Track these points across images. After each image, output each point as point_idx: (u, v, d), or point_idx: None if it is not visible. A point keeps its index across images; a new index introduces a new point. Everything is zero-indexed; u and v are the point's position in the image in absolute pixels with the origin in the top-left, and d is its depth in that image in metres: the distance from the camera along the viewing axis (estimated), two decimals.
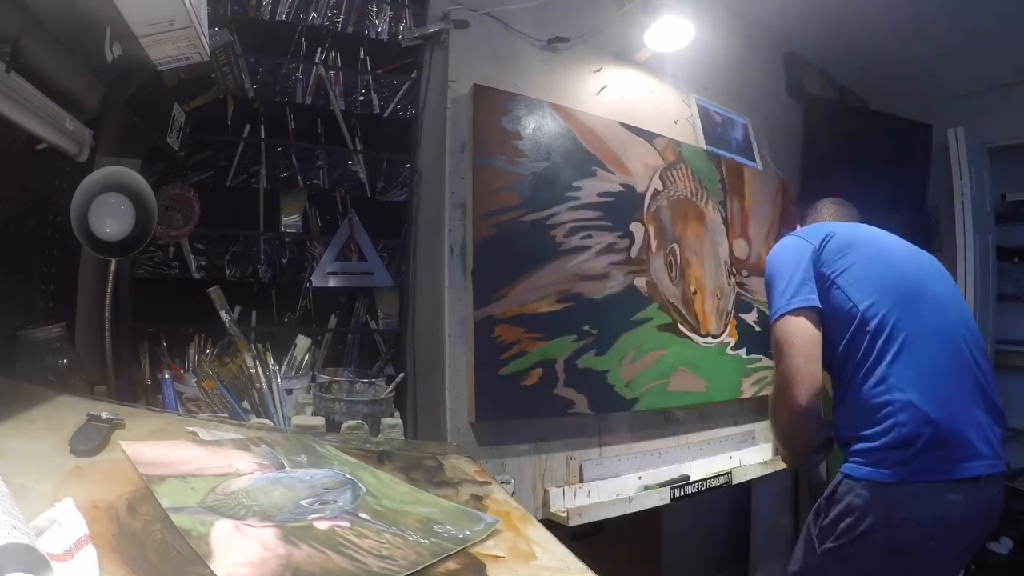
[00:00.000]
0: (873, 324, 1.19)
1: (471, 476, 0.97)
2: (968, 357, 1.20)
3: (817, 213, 1.58)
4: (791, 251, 1.31)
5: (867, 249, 1.28)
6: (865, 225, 1.38)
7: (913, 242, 1.38)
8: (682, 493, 1.64)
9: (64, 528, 0.50)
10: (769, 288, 1.32)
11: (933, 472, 1.10)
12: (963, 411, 1.14)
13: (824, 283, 1.25)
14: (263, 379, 1.19)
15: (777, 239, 2.18)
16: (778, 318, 1.25)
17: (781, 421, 1.29)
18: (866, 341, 1.19)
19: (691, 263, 1.89)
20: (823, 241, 1.28)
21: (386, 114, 1.66)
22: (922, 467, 1.10)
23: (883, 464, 1.13)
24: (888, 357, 1.17)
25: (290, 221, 1.59)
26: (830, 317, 1.25)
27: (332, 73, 1.60)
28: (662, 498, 1.62)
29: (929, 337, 1.18)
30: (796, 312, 1.23)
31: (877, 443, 1.14)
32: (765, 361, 2.01)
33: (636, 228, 1.77)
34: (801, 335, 1.22)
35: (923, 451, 1.11)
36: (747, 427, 2.00)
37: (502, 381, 1.45)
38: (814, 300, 1.24)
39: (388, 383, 1.34)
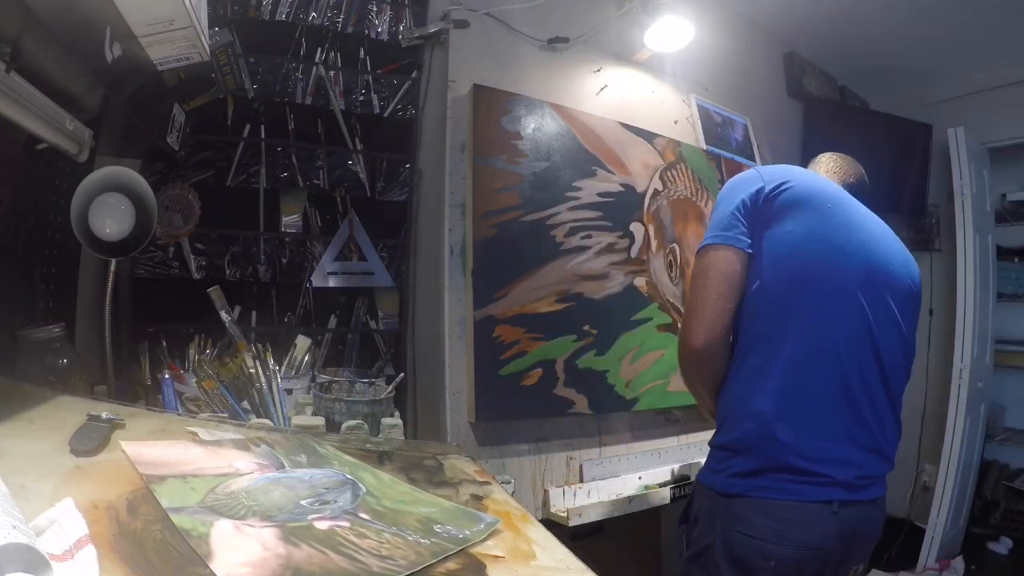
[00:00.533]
0: (770, 307, 1.05)
1: (471, 476, 0.97)
2: (857, 379, 1.04)
3: (814, 164, 1.35)
4: (742, 185, 1.12)
5: (819, 219, 1.07)
6: (843, 193, 1.16)
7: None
8: (682, 493, 1.64)
9: (64, 528, 0.50)
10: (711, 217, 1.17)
11: (776, 491, 1.00)
12: (824, 433, 1.02)
13: (754, 235, 1.09)
14: (263, 379, 1.19)
15: None
16: (702, 247, 1.11)
17: (680, 362, 1.14)
18: (756, 324, 1.06)
19: (691, 263, 1.89)
20: (777, 187, 1.08)
21: (386, 114, 1.66)
22: (762, 483, 1.01)
23: (725, 472, 1.05)
24: (764, 354, 1.04)
25: (290, 221, 1.59)
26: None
27: (332, 73, 1.60)
28: (662, 498, 1.62)
29: (815, 352, 1.03)
30: (723, 246, 1.08)
31: (726, 448, 1.07)
32: None
33: (636, 228, 1.77)
34: (721, 269, 1.07)
35: (766, 464, 1.01)
36: None
37: (502, 381, 1.45)
38: (747, 242, 1.08)
39: (388, 383, 1.34)
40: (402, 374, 1.45)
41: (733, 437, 1.06)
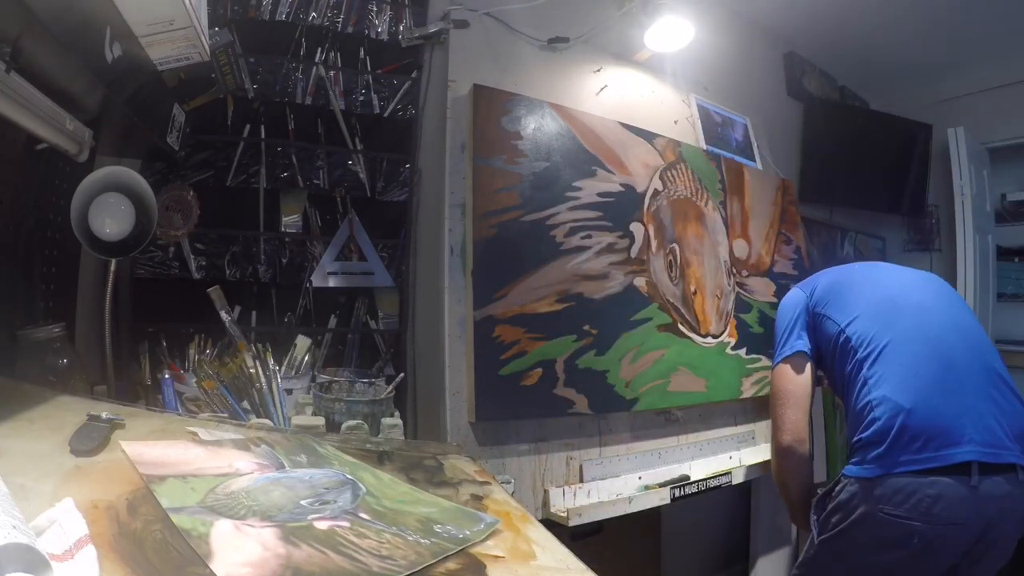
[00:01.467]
0: (855, 339, 1.31)
1: (471, 476, 0.97)
2: (959, 353, 1.21)
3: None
4: (787, 304, 1.54)
5: (851, 277, 1.47)
6: (860, 263, 1.56)
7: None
8: (682, 493, 1.64)
9: (64, 528, 0.50)
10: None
11: (912, 463, 1.11)
12: (948, 399, 1.15)
13: (817, 319, 1.43)
14: (263, 379, 1.19)
15: (777, 240, 2.21)
16: (772, 368, 1.49)
17: (772, 460, 1.50)
18: (851, 355, 1.31)
19: (691, 263, 1.89)
20: (813, 287, 1.50)
21: (386, 114, 1.66)
22: (900, 458, 1.12)
23: (866, 460, 1.17)
24: (868, 363, 1.26)
25: (290, 221, 1.59)
26: (825, 345, 1.41)
27: (332, 73, 1.60)
28: (662, 498, 1.62)
29: (907, 339, 1.24)
30: (784, 361, 1.46)
31: (863, 442, 1.19)
32: (765, 361, 2.01)
33: (636, 228, 1.77)
34: (787, 383, 1.43)
35: (899, 440, 1.13)
36: (747, 427, 2.00)
37: (502, 381, 1.45)
38: (799, 345, 1.44)
39: (388, 383, 1.34)
40: (402, 374, 1.45)
41: (867, 428, 1.20)
